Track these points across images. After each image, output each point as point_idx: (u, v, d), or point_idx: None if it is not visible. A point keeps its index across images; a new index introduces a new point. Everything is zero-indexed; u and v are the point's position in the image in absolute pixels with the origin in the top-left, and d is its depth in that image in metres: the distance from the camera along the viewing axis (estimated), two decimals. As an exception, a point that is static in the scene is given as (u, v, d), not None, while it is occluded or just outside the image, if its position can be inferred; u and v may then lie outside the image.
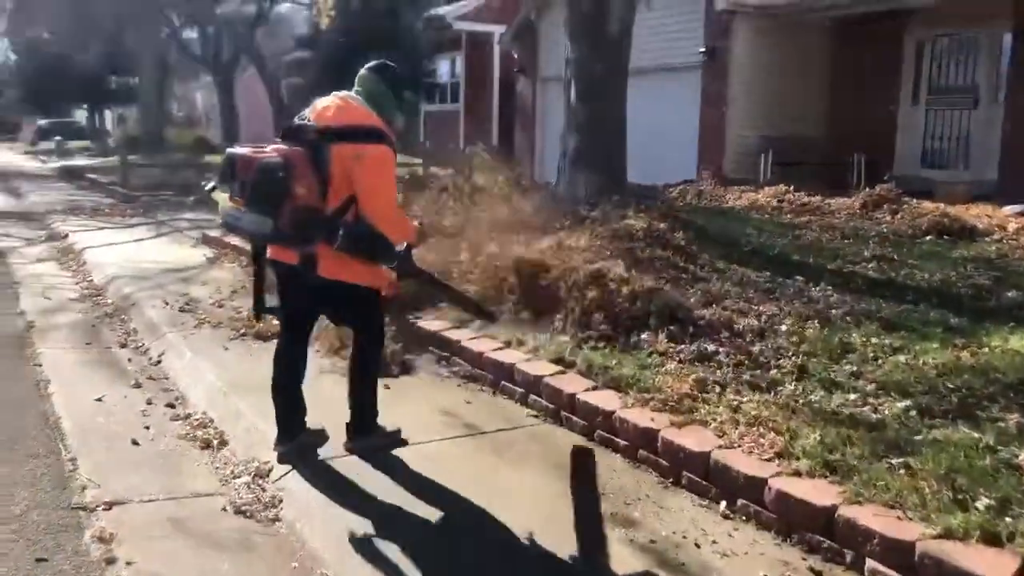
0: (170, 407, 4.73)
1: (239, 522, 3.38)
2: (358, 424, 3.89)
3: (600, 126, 8.85)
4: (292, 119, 3.74)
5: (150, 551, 3.08)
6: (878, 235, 8.06)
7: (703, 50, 13.70)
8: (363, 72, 3.80)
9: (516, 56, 18.77)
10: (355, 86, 3.79)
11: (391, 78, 3.81)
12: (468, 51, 23.56)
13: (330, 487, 3.57)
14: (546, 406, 4.39)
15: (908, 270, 6.55)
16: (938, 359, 4.23)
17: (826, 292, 5.79)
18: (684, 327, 4.90)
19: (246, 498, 3.55)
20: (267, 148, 3.56)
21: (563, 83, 9.52)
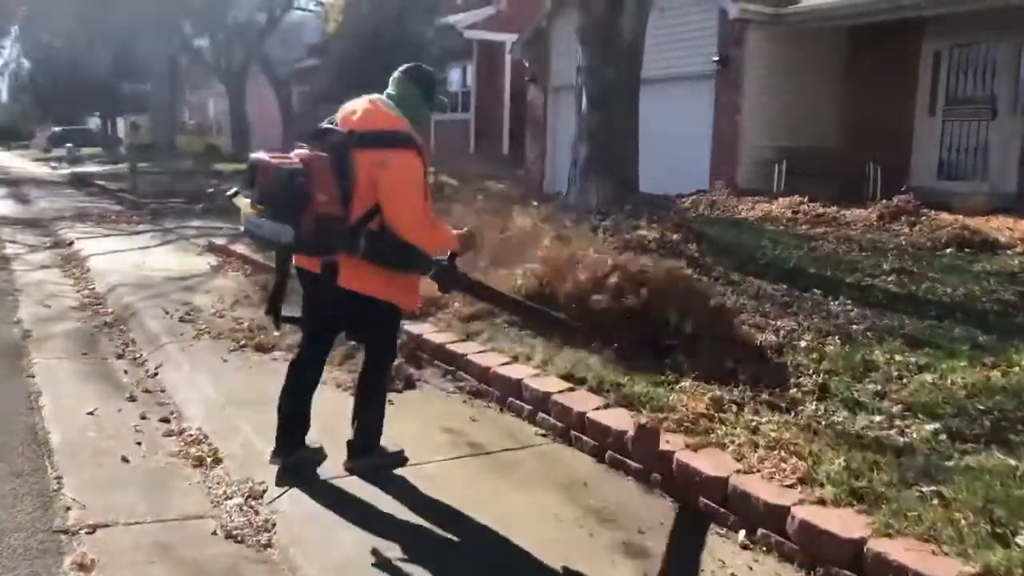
0: (164, 422, 4.55)
1: (230, 547, 3.20)
2: (360, 444, 3.72)
3: (612, 134, 8.70)
4: (317, 124, 3.60)
5: (132, 579, 2.91)
6: (896, 248, 7.87)
7: (716, 59, 13.52)
8: (396, 75, 3.65)
9: (527, 65, 18.65)
10: (388, 88, 3.64)
11: (425, 81, 3.66)
12: (479, 60, 23.47)
13: (327, 510, 3.39)
14: (555, 425, 4.19)
15: (929, 284, 6.36)
16: (967, 379, 4.03)
17: (845, 306, 5.60)
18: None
19: (238, 521, 3.37)
20: (291, 154, 3.41)
21: (575, 91, 9.37)
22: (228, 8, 25.71)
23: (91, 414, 4.57)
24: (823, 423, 3.69)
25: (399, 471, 3.71)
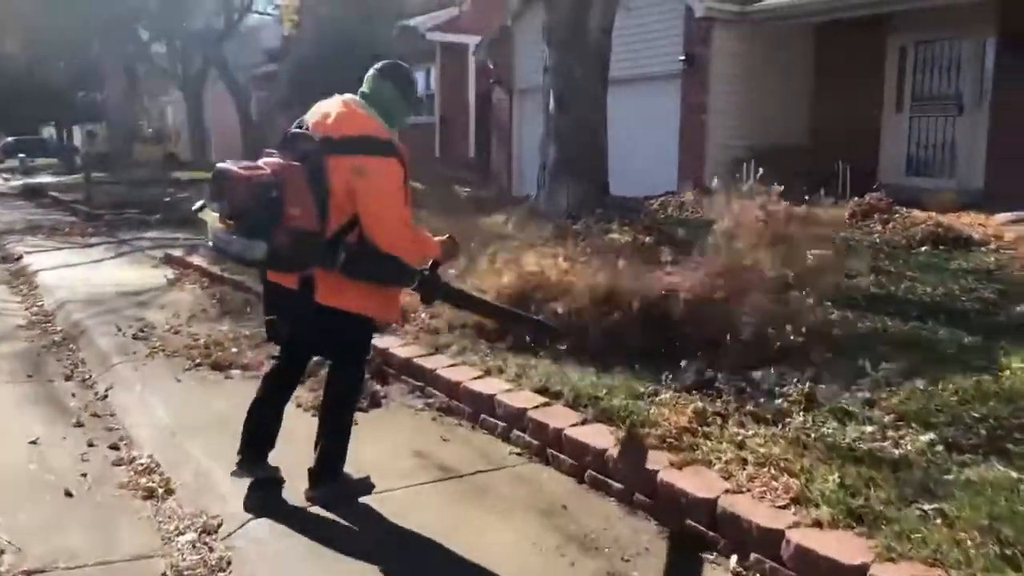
0: (113, 449, 4.26)
1: (180, 590, 2.94)
2: (323, 471, 3.46)
3: (581, 136, 8.52)
4: (279, 129, 3.36)
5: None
6: (871, 246, 7.74)
7: (683, 58, 13.38)
8: (371, 73, 3.40)
9: (492, 67, 18.41)
10: (362, 87, 3.39)
11: (402, 80, 3.42)
12: (443, 62, 23.15)
13: (286, 545, 3.14)
14: (530, 442, 3.96)
15: (909, 283, 6.22)
16: (958, 384, 3.86)
17: (825, 309, 5.43)
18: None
19: (190, 560, 3.10)
20: (260, 162, 3.15)
21: (542, 92, 9.17)
22: (185, 13, 25.15)
23: (34, 443, 4.27)
24: (812, 435, 3.50)
25: (365, 499, 3.46)
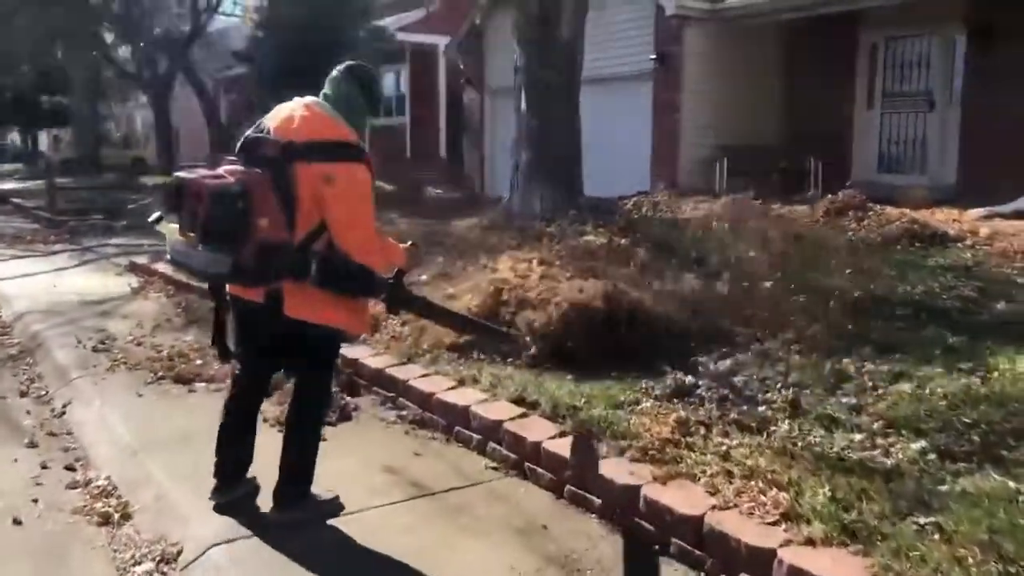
0: (69, 470, 4.06)
1: (135, 627, 2.75)
2: (288, 491, 3.28)
3: (554, 136, 8.38)
4: (248, 130, 3.15)
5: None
6: (847, 244, 7.66)
7: (654, 57, 13.30)
8: (334, 74, 3.24)
9: (463, 67, 18.23)
10: (324, 89, 3.23)
11: (367, 80, 3.26)
12: (413, 63, 22.93)
13: (248, 573, 2.96)
14: (507, 456, 3.80)
15: (887, 282, 6.13)
16: (946, 388, 3.76)
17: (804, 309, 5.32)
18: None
19: (146, 593, 2.92)
20: (220, 170, 2.96)
21: (514, 92, 9.01)
22: (149, 16, 24.70)
23: (-18, 466, 4.05)
24: (799, 444, 3.37)
25: (334, 521, 3.29)
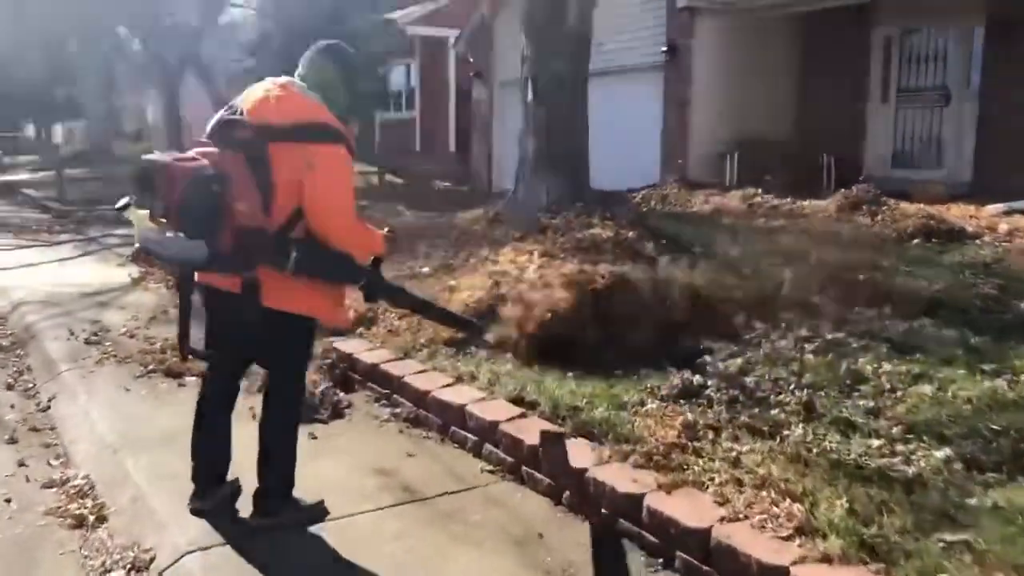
0: (48, 466, 3.89)
1: (101, 640, 2.58)
2: (268, 494, 3.10)
3: (561, 128, 8.18)
4: (220, 111, 2.97)
5: None
6: (862, 240, 7.44)
7: (665, 49, 13.06)
8: (309, 54, 3.04)
9: (472, 60, 18.03)
10: (299, 69, 3.03)
11: (345, 63, 3.07)
12: (422, 57, 22.73)
13: (227, 583, 2.78)
14: (504, 459, 3.61)
15: (903, 279, 5.91)
16: (970, 391, 3.55)
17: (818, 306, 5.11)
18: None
19: (116, 604, 2.74)
20: (191, 152, 2.81)
21: (520, 83, 8.82)
22: (161, 10, 24.60)
23: (-43, 464, 3.89)
24: (814, 450, 3.17)
25: (318, 528, 3.10)
